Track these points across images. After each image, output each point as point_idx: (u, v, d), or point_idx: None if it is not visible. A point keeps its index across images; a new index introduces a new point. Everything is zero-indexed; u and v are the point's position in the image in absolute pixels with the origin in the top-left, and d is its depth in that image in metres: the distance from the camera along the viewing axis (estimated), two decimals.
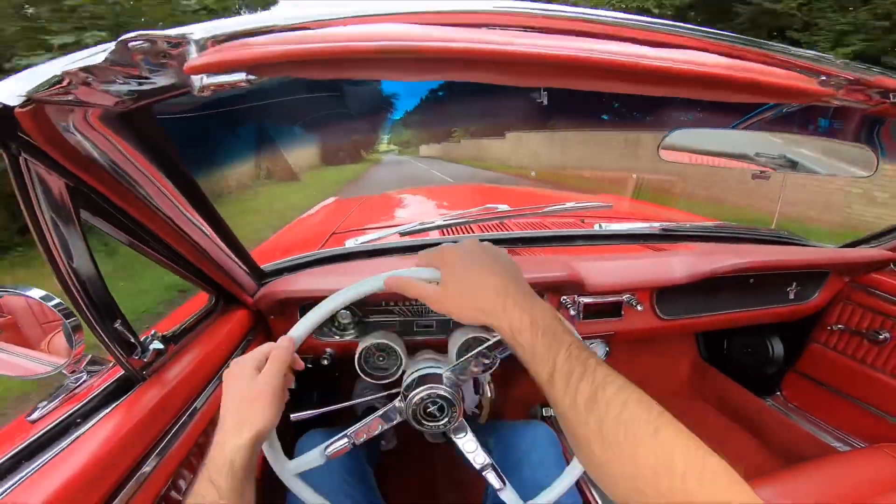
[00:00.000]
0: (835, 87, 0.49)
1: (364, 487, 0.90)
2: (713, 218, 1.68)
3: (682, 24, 0.42)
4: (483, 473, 0.78)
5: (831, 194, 6.27)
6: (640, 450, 0.38)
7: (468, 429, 0.81)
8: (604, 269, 1.11)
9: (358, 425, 0.74)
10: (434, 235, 1.37)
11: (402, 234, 1.24)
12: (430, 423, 0.78)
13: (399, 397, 0.79)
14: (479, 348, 0.74)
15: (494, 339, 0.74)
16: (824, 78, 0.47)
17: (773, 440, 1.61)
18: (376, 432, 0.76)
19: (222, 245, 0.84)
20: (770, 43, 0.45)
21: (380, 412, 0.77)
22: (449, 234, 1.39)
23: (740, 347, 1.82)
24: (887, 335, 1.31)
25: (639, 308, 1.20)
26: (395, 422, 0.77)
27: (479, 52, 0.32)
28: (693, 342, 2.01)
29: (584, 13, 0.38)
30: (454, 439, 0.81)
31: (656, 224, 1.42)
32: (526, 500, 0.81)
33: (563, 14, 0.37)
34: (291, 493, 0.70)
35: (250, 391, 0.58)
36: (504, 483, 0.77)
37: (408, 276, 0.61)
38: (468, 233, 1.39)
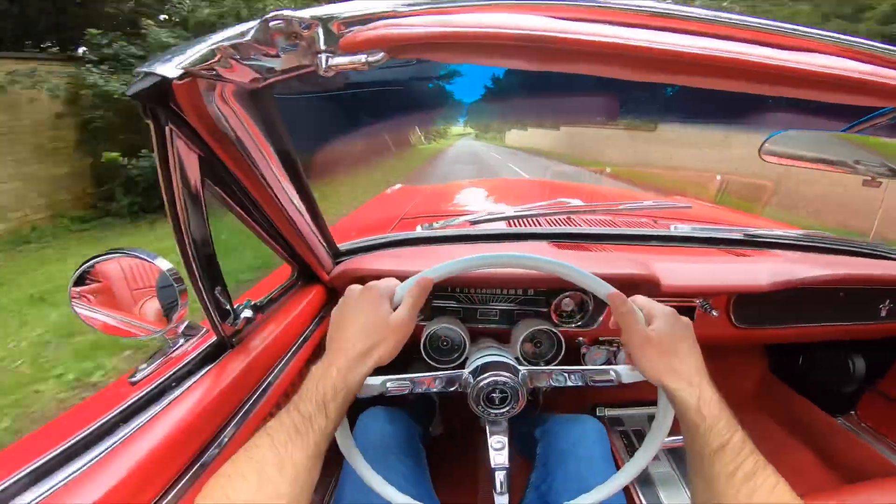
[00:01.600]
0: None
1: (418, 466, 0.92)
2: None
3: (799, 26, 0.41)
4: (495, 472, 0.77)
5: None
6: None
7: (505, 429, 0.81)
8: (681, 271, 1.07)
9: (421, 374, 0.75)
10: (503, 226, 1.37)
11: (472, 223, 1.25)
12: (487, 408, 0.78)
13: (469, 371, 0.80)
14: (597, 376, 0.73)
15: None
16: None
17: (838, 458, 1.51)
18: (433, 389, 0.76)
19: (310, 221, 0.89)
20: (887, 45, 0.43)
21: (445, 373, 0.77)
22: (517, 225, 1.39)
23: (817, 363, 1.70)
24: None
25: (713, 314, 1.15)
26: (451, 389, 0.78)
27: (611, 46, 0.32)
28: (763, 354, 1.90)
29: (706, 14, 0.38)
30: (488, 429, 0.82)
31: (739, 229, 1.34)
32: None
33: (685, 14, 0.37)
34: (347, 464, 0.72)
35: (386, 322, 0.59)
36: (505, 491, 0.76)
37: (631, 304, 0.61)
38: (537, 226, 1.38)
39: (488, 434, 0.81)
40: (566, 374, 0.75)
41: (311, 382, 0.55)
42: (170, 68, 0.43)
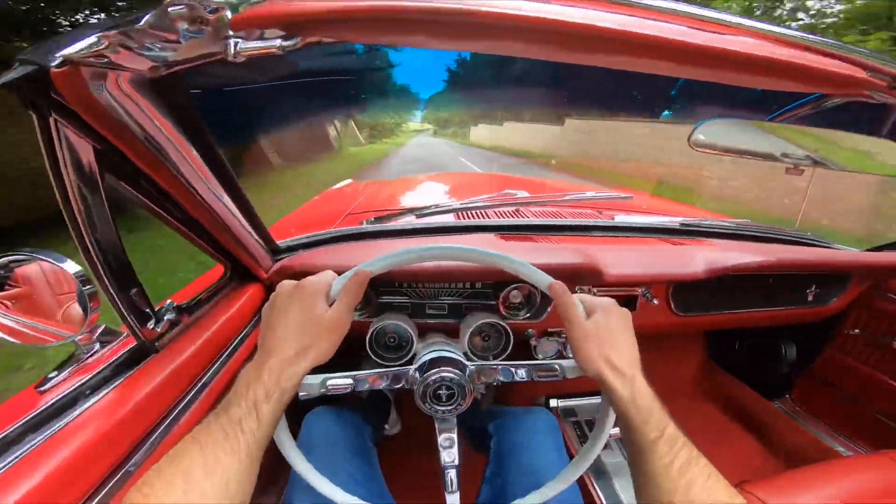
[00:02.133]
0: (881, 81, 0.48)
1: (366, 466, 0.89)
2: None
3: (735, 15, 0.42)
4: (445, 470, 0.76)
5: None
6: None
7: (454, 426, 0.79)
8: (622, 260, 1.09)
9: (364, 372, 0.72)
10: (450, 218, 1.35)
11: (419, 216, 1.23)
12: (434, 405, 0.76)
13: (416, 368, 0.78)
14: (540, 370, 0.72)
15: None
16: (870, 72, 0.47)
17: (777, 443, 1.60)
18: (378, 386, 0.73)
19: (241, 218, 0.84)
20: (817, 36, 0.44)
21: (391, 369, 0.75)
22: (465, 217, 1.38)
23: (751, 348, 1.80)
24: None
25: (654, 302, 1.18)
26: (397, 386, 0.75)
27: (530, 21, 0.30)
28: (702, 342, 1.99)
29: None
30: (437, 427, 0.80)
31: (676, 219, 1.39)
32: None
33: None
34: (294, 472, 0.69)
35: (321, 320, 0.55)
36: (456, 489, 0.75)
37: (572, 296, 0.61)
38: (484, 218, 1.37)
39: (437, 432, 0.79)
40: (513, 370, 0.74)
41: (242, 385, 0.51)
42: (48, 56, 0.40)
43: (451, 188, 2.34)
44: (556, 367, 0.71)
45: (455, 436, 0.79)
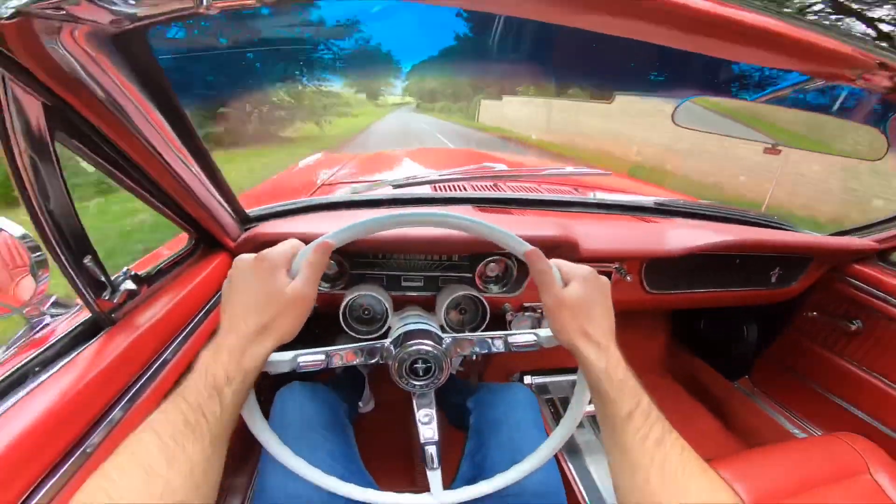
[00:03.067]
0: (863, 66, 0.49)
1: (343, 444, 0.88)
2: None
3: None
4: (425, 447, 0.74)
5: None
6: (692, 484, 0.47)
7: (432, 402, 0.78)
8: (599, 234, 1.10)
9: (337, 347, 0.68)
10: (427, 190, 1.32)
11: (395, 187, 1.20)
12: (410, 380, 0.73)
13: (391, 340, 0.75)
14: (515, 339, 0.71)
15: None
16: (854, 53, 0.47)
17: (737, 423, 1.67)
18: (352, 362, 0.70)
19: (208, 184, 0.79)
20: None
21: (364, 344, 0.71)
22: (442, 190, 1.35)
23: (714, 328, 1.86)
24: (860, 325, 1.35)
25: (628, 279, 1.20)
26: (372, 361, 0.72)
27: None
28: (668, 321, 2.05)
29: None
30: (415, 402, 0.78)
31: (650, 198, 1.40)
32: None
33: None
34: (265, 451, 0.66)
35: (283, 296, 0.51)
36: (437, 466, 0.73)
37: (548, 262, 0.58)
38: (461, 191, 1.35)
39: (415, 408, 0.77)
40: (490, 340, 0.72)
41: (201, 368, 0.47)
42: None
43: (429, 162, 2.30)
44: (534, 336, 0.69)
45: (434, 411, 0.77)
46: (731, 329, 1.77)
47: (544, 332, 0.68)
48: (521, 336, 0.70)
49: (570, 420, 0.67)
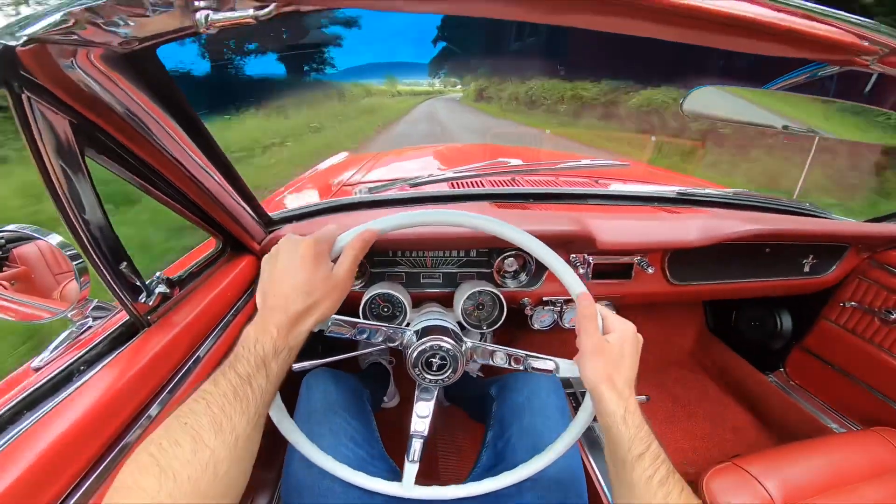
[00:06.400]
0: (877, 52, 0.47)
1: (365, 428, 0.90)
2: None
3: None
4: (412, 438, 0.77)
5: None
6: None
7: (433, 398, 0.80)
8: (616, 227, 1.09)
9: (365, 322, 0.71)
10: (443, 187, 1.34)
11: (412, 185, 1.22)
12: (424, 372, 0.75)
13: (413, 332, 0.77)
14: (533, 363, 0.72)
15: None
16: (866, 43, 0.46)
17: (771, 417, 1.62)
18: (377, 339, 0.72)
19: (230, 190, 0.83)
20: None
21: (388, 327, 0.73)
22: (459, 186, 1.36)
23: (748, 320, 1.81)
24: None
25: (649, 271, 1.18)
26: (391, 344, 0.74)
27: None
28: (700, 312, 2.00)
29: None
30: (417, 395, 0.80)
31: (673, 187, 1.37)
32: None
33: None
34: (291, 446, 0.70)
35: (326, 279, 0.56)
36: (417, 460, 0.76)
37: (595, 308, 0.64)
38: (478, 187, 1.36)
39: (415, 400, 0.79)
40: (509, 357, 0.73)
41: (248, 342, 0.51)
42: (12, 35, 0.39)
43: (445, 158, 2.32)
44: (553, 364, 0.71)
45: (432, 407, 0.79)
46: (764, 320, 1.72)
47: (564, 362, 0.70)
48: (542, 361, 0.72)
49: (561, 443, 0.70)
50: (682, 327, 1.99)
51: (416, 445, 0.76)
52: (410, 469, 0.75)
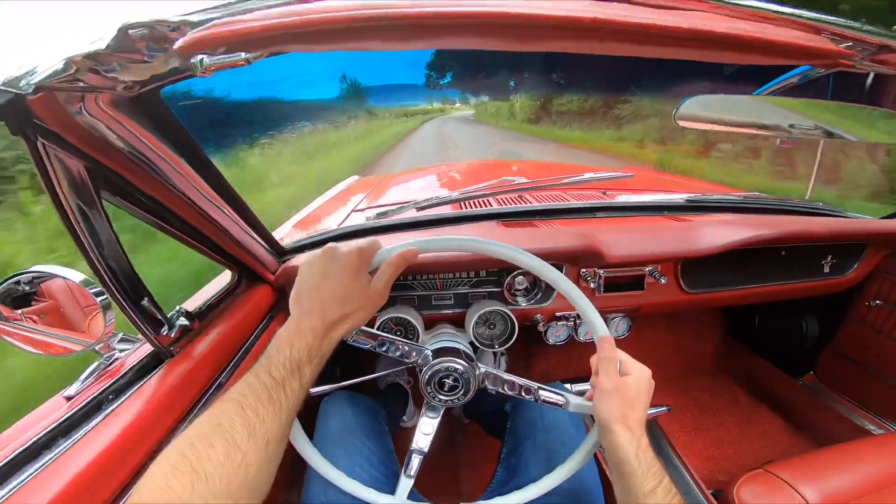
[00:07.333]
0: (857, 51, 0.47)
1: (381, 449, 0.91)
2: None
3: None
4: (412, 454, 0.78)
5: None
6: None
7: (440, 417, 0.81)
8: (624, 240, 1.08)
9: (386, 335, 0.73)
10: (450, 209, 1.36)
11: (419, 209, 1.24)
12: (436, 392, 0.78)
13: (430, 350, 0.79)
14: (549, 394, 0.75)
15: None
16: (849, 43, 0.45)
17: (804, 421, 1.57)
18: (395, 354, 0.75)
19: (241, 223, 0.86)
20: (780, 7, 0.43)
21: (406, 343, 0.76)
22: (465, 207, 1.38)
23: (772, 324, 1.77)
24: None
25: (662, 281, 1.17)
26: (405, 363, 0.77)
27: (472, 16, 0.30)
28: (720, 318, 1.96)
29: None
30: (423, 411, 0.81)
31: (681, 195, 1.37)
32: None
33: None
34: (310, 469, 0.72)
35: (365, 291, 0.58)
36: (413, 475, 0.77)
37: (615, 352, 0.67)
38: (485, 206, 1.37)
39: (420, 416, 0.81)
40: (521, 388, 0.75)
41: (283, 345, 0.52)
42: (22, 84, 0.41)
43: (451, 178, 2.34)
44: (563, 398, 0.73)
45: (436, 426, 0.80)
46: (789, 324, 1.67)
47: (575, 398, 0.73)
48: (553, 395, 0.74)
49: (564, 469, 0.71)
50: (704, 335, 1.95)
51: (415, 461, 0.77)
52: (405, 483, 0.76)
